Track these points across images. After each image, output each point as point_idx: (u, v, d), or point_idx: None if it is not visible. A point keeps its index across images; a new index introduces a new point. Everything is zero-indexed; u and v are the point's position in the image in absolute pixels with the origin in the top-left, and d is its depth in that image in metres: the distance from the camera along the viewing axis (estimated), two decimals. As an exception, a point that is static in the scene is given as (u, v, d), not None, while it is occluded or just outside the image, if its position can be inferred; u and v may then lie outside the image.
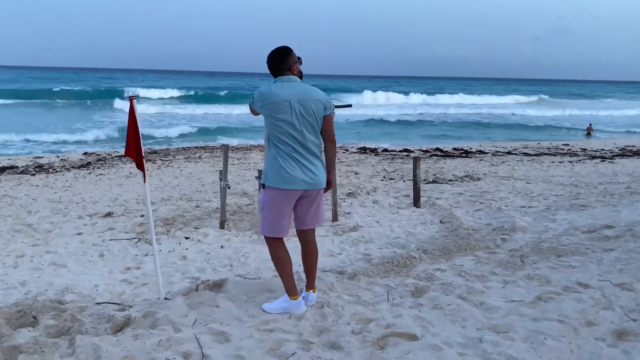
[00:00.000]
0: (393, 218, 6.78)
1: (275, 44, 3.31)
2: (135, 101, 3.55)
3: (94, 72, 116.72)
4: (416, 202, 7.39)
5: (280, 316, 3.09)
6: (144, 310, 3.10)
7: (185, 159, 13.50)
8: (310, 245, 3.37)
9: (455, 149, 16.19)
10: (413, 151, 15.76)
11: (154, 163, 12.68)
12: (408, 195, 8.04)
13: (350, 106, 7.10)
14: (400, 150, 15.89)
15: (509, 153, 15.40)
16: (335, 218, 6.58)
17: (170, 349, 2.69)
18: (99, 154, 14.78)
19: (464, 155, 14.81)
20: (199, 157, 13.75)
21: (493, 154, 15.01)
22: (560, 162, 12.94)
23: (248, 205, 7.55)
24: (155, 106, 31.59)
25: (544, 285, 3.59)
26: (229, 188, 6.44)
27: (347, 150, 15.73)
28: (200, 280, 3.83)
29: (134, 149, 3.58)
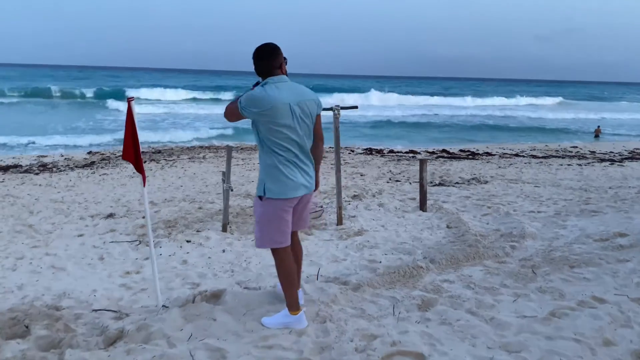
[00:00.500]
0: (399, 222, 6.64)
1: (280, 41, 3.12)
2: (133, 102, 3.44)
3: (100, 71, 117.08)
4: (422, 206, 7.25)
5: (280, 331, 2.94)
6: (138, 323, 2.97)
7: (190, 158, 13.40)
8: (298, 246, 3.25)
9: (462, 151, 16.00)
10: (419, 152, 15.58)
11: (157, 163, 12.59)
12: (414, 198, 7.89)
13: (356, 107, 7.03)
14: (406, 152, 15.72)
15: (516, 155, 15.20)
16: (340, 221, 6.44)
17: (163, 366, 2.57)
18: (103, 153, 14.72)
19: (470, 157, 14.62)
20: (203, 157, 13.64)
21: (500, 156, 14.81)
22: (568, 165, 12.73)
23: (251, 207, 7.43)
24: (162, 107, 31.45)
25: (558, 299, 3.43)
26: (232, 190, 6.33)
27: (353, 151, 15.57)
28: (197, 291, 3.69)
29: (132, 152, 3.47)
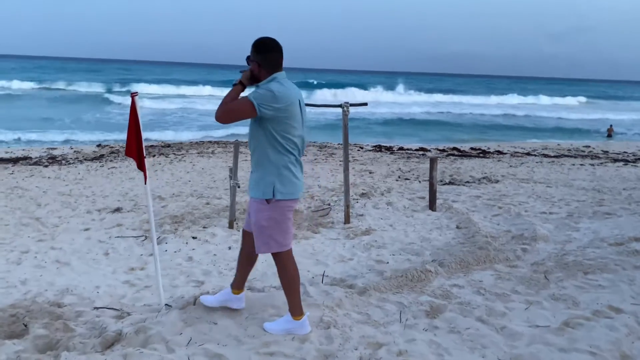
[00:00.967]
0: (407, 221, 6.52)
1: (286, 37, 3.03)
2: (136, 98, 3.36)
3: (111, 64, 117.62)
4: (432, 205, 7.12)
5: (282, 337, 2.84)
6: (137, 325, 2.88)
7: (199, 153, 13.35)
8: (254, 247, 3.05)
9: (472, 149, 15.80)
10: (429, 150, 15.41)
11: (166, 157, 12.56)
12: (423, 197, 7.76)
13: (365, 104, 6.93)
14: (416, 149, 15.55)
15: (528, 154, 14.97)
16: (347, 220, 6.34)
17: (160, 371, 2.49)
18: (112, 146, 14.74)
19: (481, 155, 14.42)
20: (212, 152, 13.59)
21: (512, 155, 14.59)
22: (581, 165, 12.49)
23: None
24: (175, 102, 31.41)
25: (571, 308, 3.30)
26: (239, 187, 6.25)
27: (362, 148, 15.43)
28: (199, 292, 3.61)
29: (135, 149, 3.39)
